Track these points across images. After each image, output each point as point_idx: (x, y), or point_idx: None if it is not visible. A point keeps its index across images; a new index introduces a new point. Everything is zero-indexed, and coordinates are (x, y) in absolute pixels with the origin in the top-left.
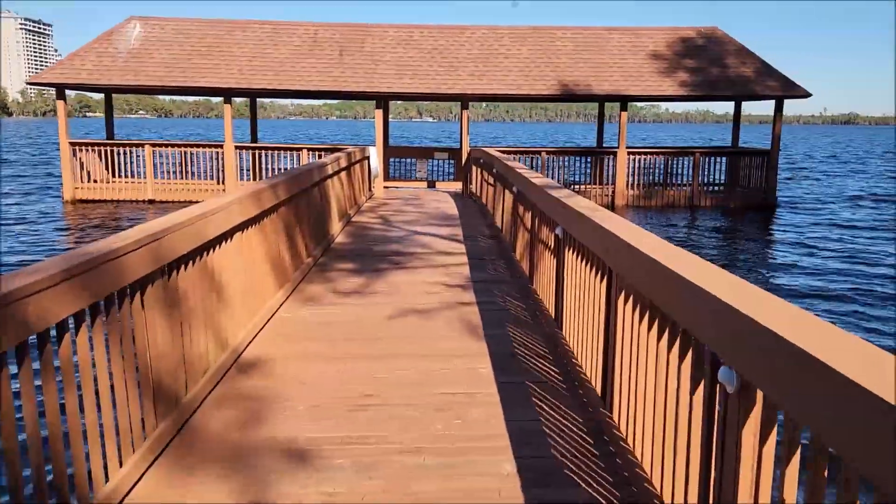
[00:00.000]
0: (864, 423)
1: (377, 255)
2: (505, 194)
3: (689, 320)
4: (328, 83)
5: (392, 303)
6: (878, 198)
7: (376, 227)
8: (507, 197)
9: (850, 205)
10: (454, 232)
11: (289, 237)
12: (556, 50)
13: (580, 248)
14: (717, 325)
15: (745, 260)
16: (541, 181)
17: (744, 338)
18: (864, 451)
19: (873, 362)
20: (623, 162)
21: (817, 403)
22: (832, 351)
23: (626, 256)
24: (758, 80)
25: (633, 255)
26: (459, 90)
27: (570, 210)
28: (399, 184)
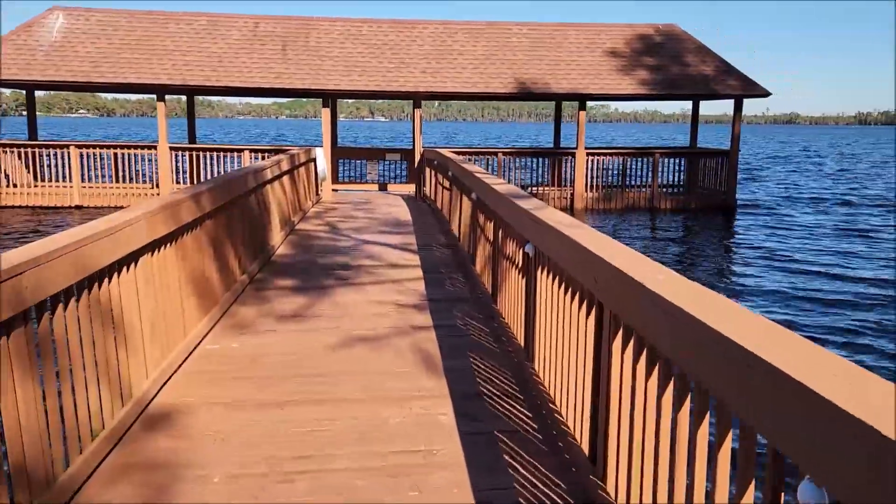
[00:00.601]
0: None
1: (322, 268)
2: (462, 200)
3: (727, 391)
4: (270, 80)
5: (337, 328)
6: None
7: (322, 236)
8: (466, 203)
9: (809, 206)
10: (407, 240)
11: (218, 253)
12: (511, 47)
13: (558, 271)
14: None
15: (711, 266)
16: (504, 188)
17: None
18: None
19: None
20: (582, 163)
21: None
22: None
23: (626, 294)
24: (718, 78)
25: (637, 294)
26: (411, 88)
27: (543, 226)
28: (349, 186)
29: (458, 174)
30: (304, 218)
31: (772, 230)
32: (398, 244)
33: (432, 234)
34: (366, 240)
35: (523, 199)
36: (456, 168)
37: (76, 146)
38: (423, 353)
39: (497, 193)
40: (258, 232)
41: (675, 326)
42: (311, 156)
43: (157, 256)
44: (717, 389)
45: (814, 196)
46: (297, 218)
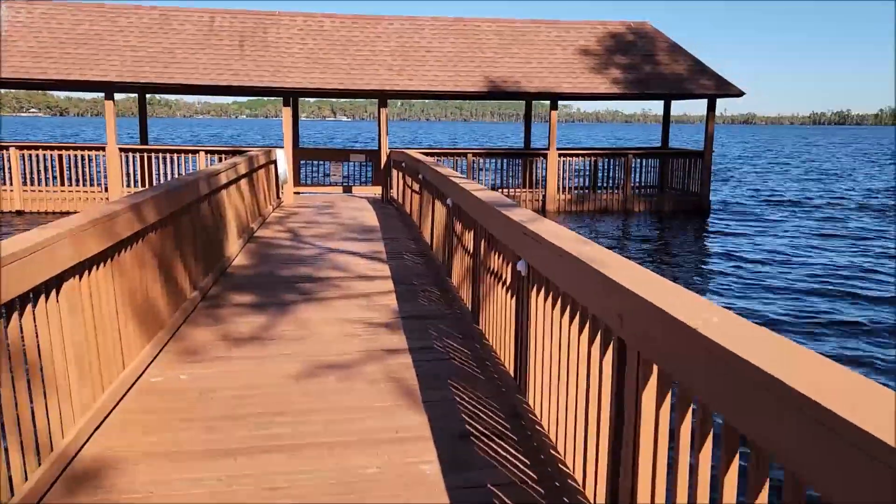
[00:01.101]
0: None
1: (284, 281)
2: (436, 206)
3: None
4: (227, 77)
5: (300, 353)
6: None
7: (284, 244)
8: (440, 209)
9: (781, 208)
10: (376, 248)
11: (164, 270)
12: (481, 44)
13: (561, 296)
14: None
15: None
16: (487, 195)
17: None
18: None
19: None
20: (554, 164)
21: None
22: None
23: (663, 334)
24: (691, 78)
25: (680, 337)
26: (377, 86)
27: (541, 243)
28: (312, 189)
29: (431, 178)
30: (265, 224)
31: (747, 233)
32: (366, 252)
33: (402, 241)
34: (331, 248)
35: (511, 208)
36: (429, 171)
37: (17, 147)
38: (399, 382)
39: (479, 201)
40: (212, 242)
41: (738, 384)
42: (271, 157)
43: (86, 279)
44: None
45: (790, 198)
46: (257, 224)
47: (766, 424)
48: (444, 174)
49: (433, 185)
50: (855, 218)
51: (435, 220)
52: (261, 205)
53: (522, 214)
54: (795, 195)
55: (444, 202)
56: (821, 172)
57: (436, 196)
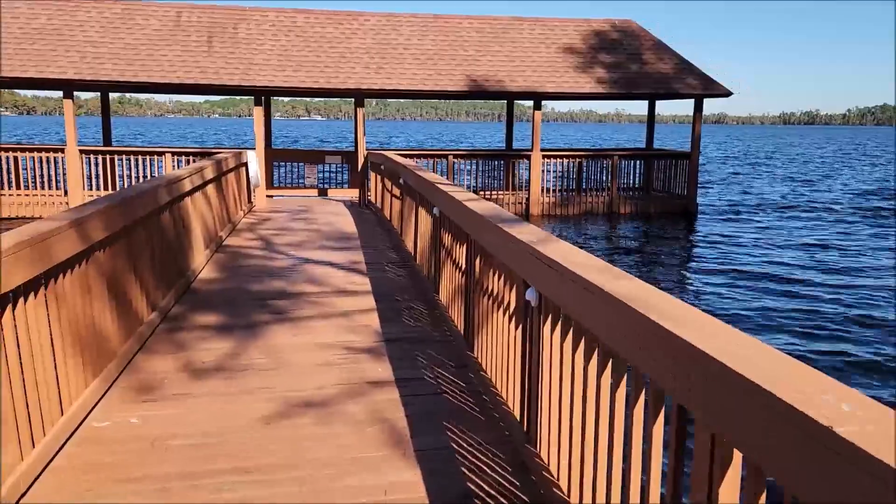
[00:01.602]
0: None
1: (254, 298)
2: (420, 213)
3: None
4: (195, 75)
5: (271, 388)
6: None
7: (255, 254)
8: (425, 218)
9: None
10: (354, 258)
11: (115, 292)
12: (461, 42)
13: (586, 338)
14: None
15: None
16: (483, 208)
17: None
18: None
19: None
20: (537, 166)
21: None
22: None
23: (766, 424)
24: (677, 77)
25: (798, 436)
26: (353, 85)
27: (560, 272)
28: (285, 192)
29: (415, 184)
30: (235, 231)
31: (735, 236)
32: (344, 263)
33: (382, 251)
34: (306, 258)
35: (514, 224)
36: (411, 176)
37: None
38: (386, 424)
39: (473, 214)
40: (174, 255)
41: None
42: (241, 160)
43: (11, 314)
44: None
45: (777, 200)
46: (226, 232)
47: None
48: (430, 180)
49: (417, 192)
50: (849, 220)
51: (419, 230)
52: (230, 211)
53: (529, 233)
54: (784, 198)
55: (430, 211)
56: (807, 173)
57: (420, 203)
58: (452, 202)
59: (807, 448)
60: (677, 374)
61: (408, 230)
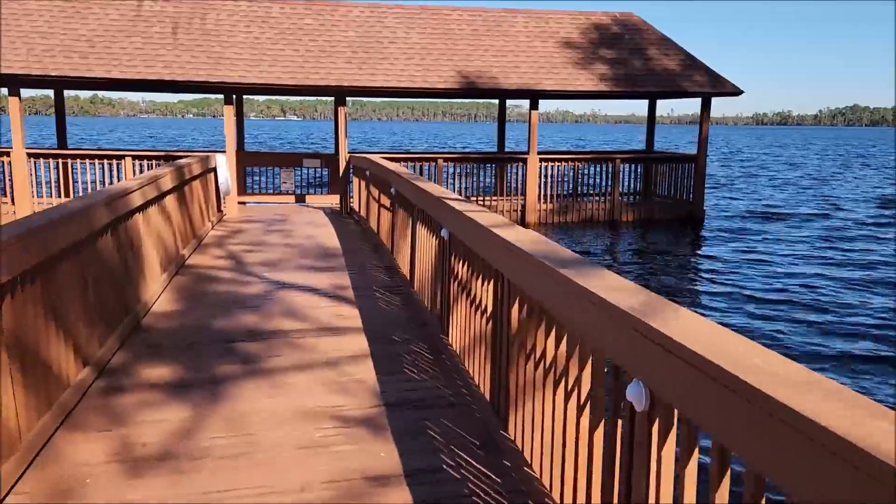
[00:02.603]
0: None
1: (219, 339)
2: (419, 233)
3: None
4: (158, 70)
5: (236, 492)
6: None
7: (223, 277)
8: (427, 239)
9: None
10: (339, 282)
11: (23, 355)
12: (451, 35)
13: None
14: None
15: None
16: (525, 239)
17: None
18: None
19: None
20: (534, 170)
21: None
22: None
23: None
24: (684, 74)
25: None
26: (335, 82)
27: (705, 370)
28: (260, 198)
29: (413, 196)
30: (201, 246)
31: (745, 245)
32: (328, 288)
33: (371, 271)
34: (283, 282)
35: (586, 270)
36: (407, 187)
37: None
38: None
39: (509, 246)
40: (118, 288)
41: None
42: (209, 165)
43: None
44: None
45: (784, 208)
46: (190, 249)
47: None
48: (434, 194)
49: (414, 205)
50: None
51: (418, 252)
52: (196, 223)
53: (621, 289)
54: (790, 204)
55: (434, 231)
56: (806, 176)
57: (420, 220)
58: (471, 226)
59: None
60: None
61: (402, 249)
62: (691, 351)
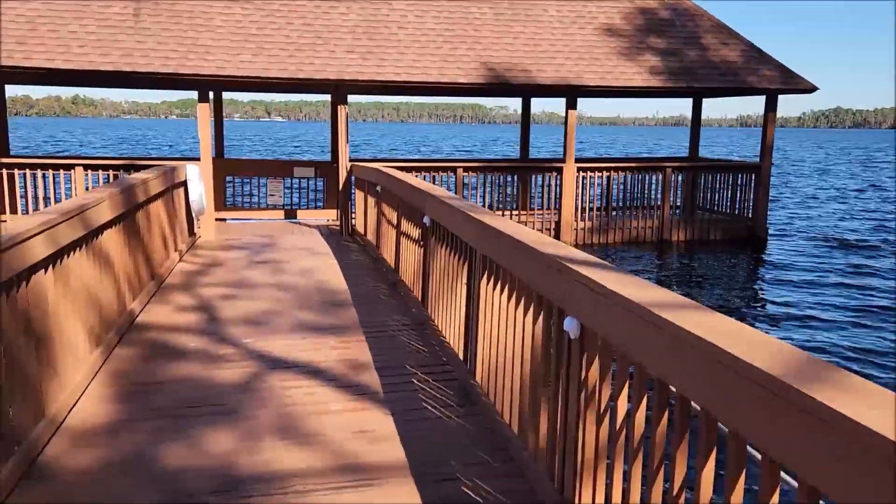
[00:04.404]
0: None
1: (169, 492)
2: (486, 293)
3: None
4: (114, 59)
5: None
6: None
7: (185, 348)
8: (502, 307)
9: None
10: (355, 354)
11: None
12: (472, 20)
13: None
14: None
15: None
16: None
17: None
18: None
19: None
20: (571, 181)
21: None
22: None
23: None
24: (749, 67)
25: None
26: (333, 75)
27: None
28: (243, 214)
29: (473, 236)
30: (162, 290)
31: (818, 277)
32: (340, 370)
33: (398, 334)
34: (272, 356)
35: None
36: (459, 222)
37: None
38: None
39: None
40: (6, 393)
41: None
42: (176, 179)
43: None
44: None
45: (852, 231)
46: (144, 298)
47: None
48: (517, 238)
49: (473, 249)
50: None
51: (486, 323)
52: (155, 259)
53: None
54: (867, 228)
55: (523, 299)
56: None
57: (486, 273)
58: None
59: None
60: None
61: (448, 308)
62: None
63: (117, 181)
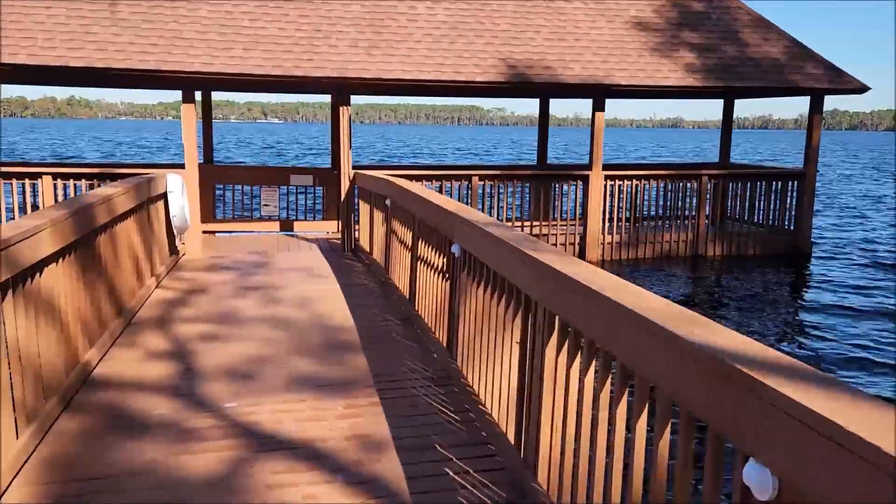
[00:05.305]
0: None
1: None
2: (558, 365)
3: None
4: (87, 55)
5: None
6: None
7: (152, 416)
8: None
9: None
10: (367, 427)
11: None
12: (490, 11)
13: None
14: None
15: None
16: None
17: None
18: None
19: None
20: (598, 190)
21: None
22: None
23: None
24: (794, 64)
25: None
26: (335, 72)
27: None
28: (234, 226)
29: (526, 279)
30: (130, 328)
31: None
32: (349, 456)
33: (421, 393)
34: (259, 433)
35: None
36: (503, 258)
37: None
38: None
39: None
40: None
41: None
42: (155, 191)
43: None
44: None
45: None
46: (104, 343)
47: None
48: (594, 289)
49: (531, 299)
50: None
51: (558, 404)
52: (122, 292)
53: None
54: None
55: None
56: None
57: (570, 348)
58: None
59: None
60: None
61: (487, 362)
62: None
63: (68, 200)
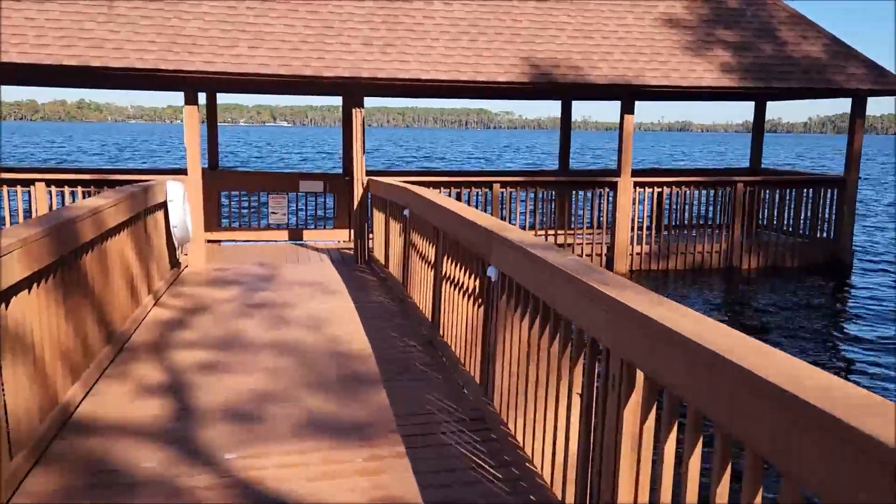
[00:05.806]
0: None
1: None
2: (644, 428)
3: None
4: (80, 53)
5: None
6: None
7: (138, 470)
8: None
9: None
10: (390, 485)
11: None
12: (510, 7)
13: None
14: None
15: None
16: None
17: None
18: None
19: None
20: (627, 196)
21: None
22: None
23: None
24: (835, 64)
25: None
26: (347, 72)
27: None
28: (240, 235)
29: (602, 325)
30: (121, 356)
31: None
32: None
33: (449, 432)
34: (264, 495)
35: None
36: (558, 289)
37: None
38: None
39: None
40: None
41: None
42: (153, 200)
43: None
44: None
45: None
46: (91, 376)
47: None
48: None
49: (607, 351)
50: None
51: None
52: (113, 316)
53: None
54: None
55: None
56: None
57: (660, 409)
58: None
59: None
60: None
61: (534, 409)
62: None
63: (46, 215)
